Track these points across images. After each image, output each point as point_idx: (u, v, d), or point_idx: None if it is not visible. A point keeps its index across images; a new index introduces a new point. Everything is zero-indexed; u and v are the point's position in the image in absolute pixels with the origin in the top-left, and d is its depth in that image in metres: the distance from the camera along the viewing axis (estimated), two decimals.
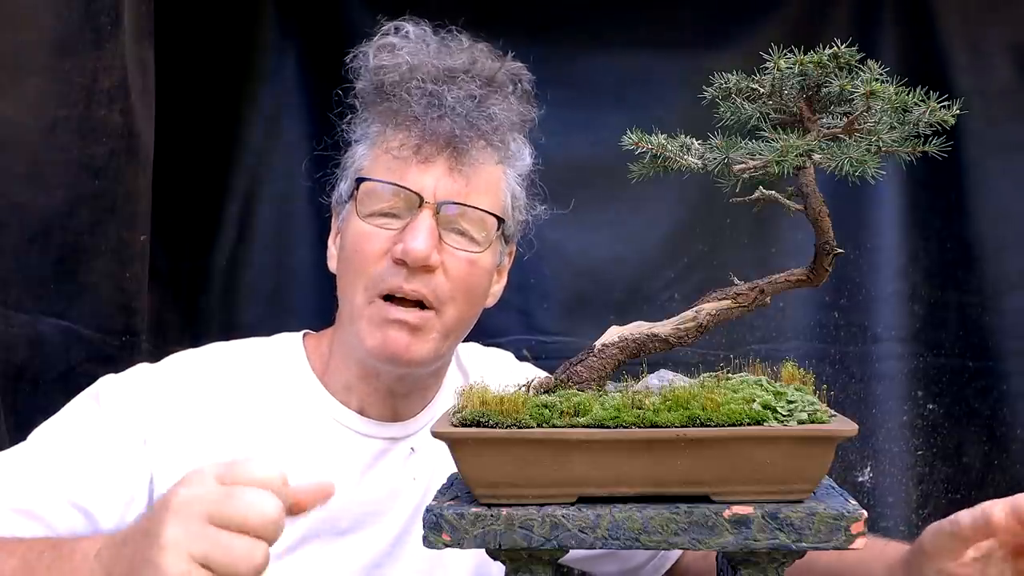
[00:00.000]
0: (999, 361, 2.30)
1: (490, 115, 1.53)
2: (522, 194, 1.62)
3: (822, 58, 1.11)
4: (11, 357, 1.72)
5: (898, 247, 2.35)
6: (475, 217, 1.52)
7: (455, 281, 1.51)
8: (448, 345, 1.57)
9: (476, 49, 1.59)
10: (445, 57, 1.55)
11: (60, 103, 1.75)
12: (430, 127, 1.50)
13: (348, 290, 1.53)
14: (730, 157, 1.13)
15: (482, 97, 1.53)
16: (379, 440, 1.59)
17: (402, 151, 1.51)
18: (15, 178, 1.70)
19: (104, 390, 1.51)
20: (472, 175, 1.52)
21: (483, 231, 1.54)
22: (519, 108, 1.60)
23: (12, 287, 1.72)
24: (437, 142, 1.50)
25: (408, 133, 1.51)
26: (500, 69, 1.58)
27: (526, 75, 1.62)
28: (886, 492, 2.32)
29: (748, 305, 1.20)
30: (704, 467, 1.07)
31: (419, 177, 1.50)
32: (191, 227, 2.31)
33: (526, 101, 1.62)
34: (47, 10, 1.72)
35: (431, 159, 1.50)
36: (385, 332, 1.49)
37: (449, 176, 1.50)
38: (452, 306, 1.52)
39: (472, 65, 1.55)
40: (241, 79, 2.33)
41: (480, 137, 1.52)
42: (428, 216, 1.48)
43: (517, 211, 1.62)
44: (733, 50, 2.27)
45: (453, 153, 1.51)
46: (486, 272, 1.57)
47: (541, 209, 1.67)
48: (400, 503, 1.58)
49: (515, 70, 1.61)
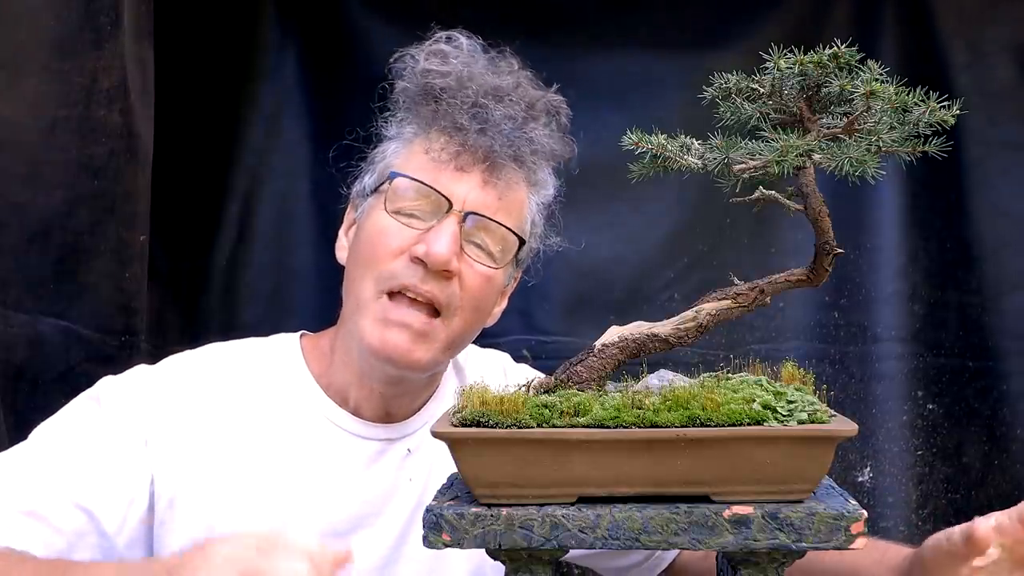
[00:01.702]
0: (999, 361, 2.30)
1: (531, 139, 1.55)
2: (541, 223, 1.63)
3: (822, 58, 1.11)
4: (11, 357, 1.72)
5: (898, 247, 2.35)
6: (498, 234, 1.53)
7: (468, 292, 1.51)
8: (449, 355, 1.57)
9: (522, 74, 1.60)
10: (494, 75, 1.57)
11: (60, 103, 1.75)
12: (473, 138, 1.51)
13: (357, 282, 1.53)
14: (730, 157, 1.13)
15: (523, 121, 1.55)
16: (375, 441, 1.59)
17: (441, 155, 1.52)
18: (15, 178, 1.70)
19: (104, 391, 1.51)
20: (504, 193, 1.53)
21: (504, 249, 1.55)
22: (557, 140, 1.61)
23: (12, 287, 1.72)
24: (476, 154, 1.51)
25: (450, 139, 1.52)
26: (542, 98, 1.60)
27: (566, 110, 1.64)
28: (886, 492, 2.32)
29: (748, 305, 1.20)
30: (704, 467, 1.07)
31: (452, 184, 1.51)
32: (191, 227, 2.31)
33: (562, 135, 1.63)
34: (46, 10, 1.72)
35: (467, 169, 1.51)
36: (386, 332, 1.49)
37: (482, 189, 1.51)
38: (460, 317, 1.52)
39: (515, 89, 1.57)
40: (241, 79, 2.33)
41: (517, 158, 1.54)
42: (454, 223, 1.49)
43: (534, 239, 1.63)
44: (733, 50, 2.27)
45: (490, 167, 1.52)
46: (496, 290, 1.58)
47: (555, 241, 1.68)
48: (397, 505, 1.58)
49: (556, 102, 1.62)
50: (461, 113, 1.52)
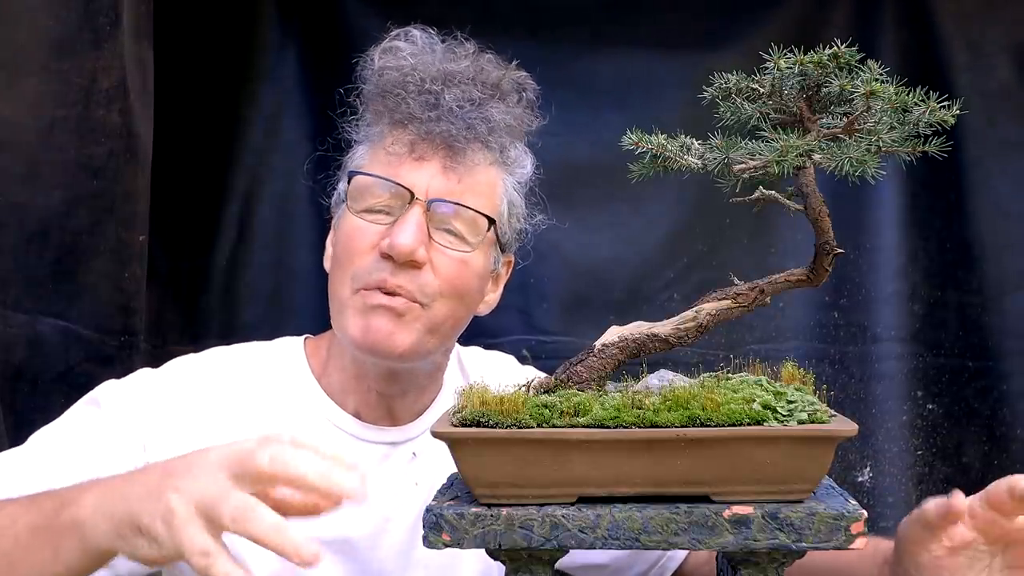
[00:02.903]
0: (999, 361, 2.30)
1: (487, 118, 1.53)
2: (521, 202, 1.62)
3: (822, 58, 1.11)
4: (10, 357, 1.72)
5: (898, 247, 2.34)
6: (467, 217, 1.52)
7: (444, 279, 1.51)
8: (434, 343, 1.55)
9: (482, 57, 1.59)
10: (449, 62, 1.56)
11: (59, 103, 1.75)
12: (426, 126, 1.50)
13: (335, 284, 1.53)
14: (730, 157, 1.13)
15: (481, 101, 1.53)
16: (379, 445, 1.59)
17: (397, 148, 1.51)
18: (13, 178, 1.70)
19: (105, 395, 1.51)
20: (466, 175, 1.52)
21: (475, 232, 1.53)
22: (520, 115, 1.60)
23: (11, 287, 1.72)
24: (432, 141, 1.51)
25: (404, 131, 1.52)
26: (504, 77, 1.58)
27: (531, 84, 1.62)
28: (886, 492, 2.31)
29: (748, 305, 1.20)
30: (704, 467, 1.07)
31: (412, 174, 1.50)
32: (191, 227, 2.31)
33: (529, 110, 1.62)
34: (45, 10, 1.72)
35: (425, 157, 1.51)
36: (368, 319, 1.48)
37: (443, 175, 1.51)
38: (440, 303, 1.51)
39: (478, 72, 1.56)
40: (241, 79, 2.33)
41: (476, 139, 1.53)
42: (418, 212, 1.48)
43: (514, 218, 1.61)
44: (733, 50, 2.26)
45: (448, 153, 1.51)
46: (477, 274, 1.56)
47: (540, 218, 1.67)
48: (404, 509, 1.57)
49: (520, 79, 1.61)
50: (413, 102, 1.51)
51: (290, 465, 0.98)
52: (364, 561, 1.55)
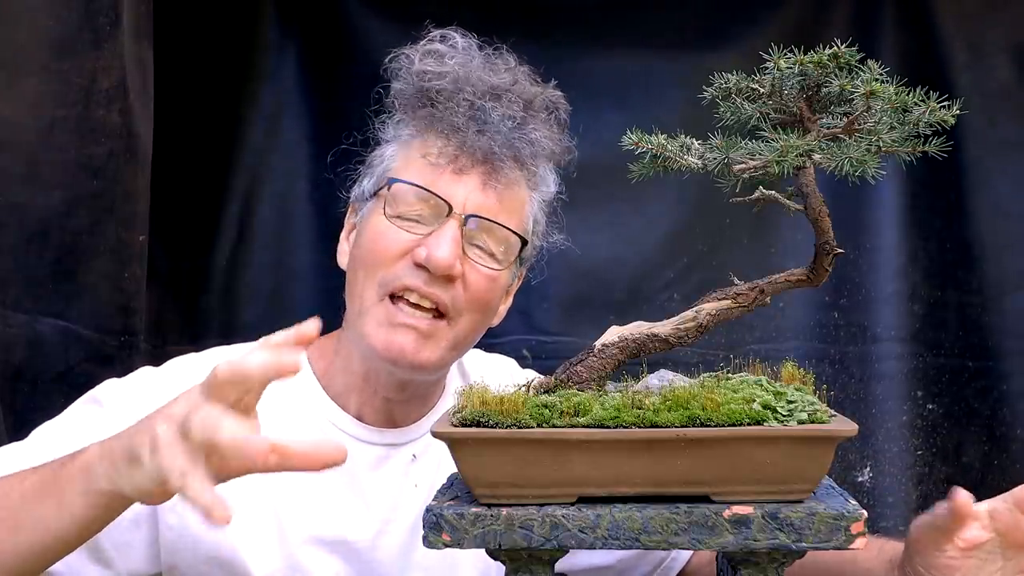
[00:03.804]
0: (999, 361, 2.30)
1: (531, 140, 1.54)
2: (543, 220, 1.62)
3: (822, 58, 1.11)
4: (10, 357, 1.72)
5: (898, 247, 2.35)
6: (500, 235, 1.53)
7: (473, 295, 1.51)
8: (455, 356, 1.57)
9: (519, 71, 1.59)
10: (491, 73, 1.55)
11: (59, 103, 1.75)
12: (471, 140, 1.50)
13: (359, 286, 1.52)
14: (730, 157, 1.13)
15: (522, 120, 1.54)
16: (379, 446, 1.58)
17: (439, 159, 1.50)
18: (13, 178, 1.70)
19: (106, 393, 1.51)
20: (504, 194, 1.52)
21: (506, 250, 1.54)
22: (556, 137, 1.60)
23: (10, 287, 1.72)
24: (475, 155, 1.50)
25: (447, 142, 1.51)
26: (540, 95, 1.58)
27: (564, 105, 1.62)
28: (886, 492, 2.32)
29: (748, 305, 1.20)
30: (704, 467, 1.07)
31: (451, 187, 1.50)
32: (191, 227, 2.31)
33: (561, 131, 1.62)
34: (46, 10, 1.72)
35: (466, 171, 1.50)
36: (392, 334, 1.48)
37: (481, 191, 1.50)
38: (466, 318, 1.51)
39: (513, 86, 1.55)
40: (241, 79, 2.33)
41: (516, 159, 1.53)
42: (455, 226, 1.48)
43: (536, 236, 1.62)
44: (733, 50, 2.27)
45: (489, 169, 1.51)
46: (501, 290, 1.57)
47: (559, 238, 1.68)
48: (404, 511, 1.57)
49: (554, 98, 1.61)
50: (458, 115, 1.50)
51: (236, 365, 1.04)
52: (364, 562, 1.55)
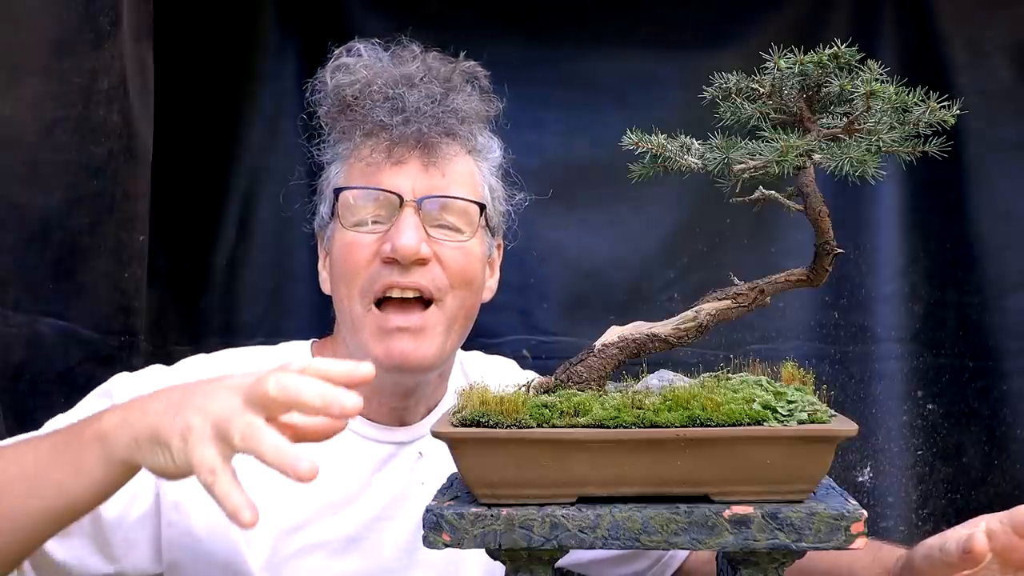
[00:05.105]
0: (999, 361, 2.30)
1: (454, 110, 1.57)
2: (499, 185, 1.66)
3: (822, 58, 1.11)
4: (9, 357, 1.72)
5: (898, 247, 2.34)
6: (458, 208, 1.55)
7: (452, 271, 1.54)
8: (452, 340, 1.57)
9: (429, 56, 1.62)
10: (400, 66, 1.59)
11: (59, 103, 1.75)
12: (399, 130, 1.53)
13: (345, 301, 1.55)
14: (730, 157, 1.13)
15: (442, 95, 1.57)
16: (386, 445, 1.60)
17: (374, 157, 1.54)
18: (13, 178, 1.70)
19: (117, 387, 1.52)
20: (447, 169, 1.55)
21: (468, 221, 1.56)
22: (481, 103, 1.63)
23: (10, 287, 1.71)
24: (407, 143, 1.53)
25: (378, 139, 1.54)
26: (455, 71, 1.61)
27: (481, 71, 1.65)
28: (886, 492, 2.31)
29: (748, 305, 1.20)
30: (704, 467, 1.07)
31: (395, 179, 1.53)
32: (191, 227, 2.30)
33: (486, 96, 1.65)
34: (46, 10, 1.72)
35: (404, 160, 1.54)
36: (389, 342, 1.51)
37: (424, 173, 1.53)
38: (452, 296, 1.54)
39: (428, 71, 1.59)
40: (241, 79, 2.33)
41: (447, 132, 1.56)
42: (411, 213, 1.51)
43: (497, 201, 1.65)
44: (733, 50, 2.26)
45: (425, 151, 1.54)
46: (478, 260, 1.60)
47: (520, 197, 1.71)
48: (409, 508, 1.58)
49: (469, 69, 1.64)
50: (379, 110, 1.54)
51: (291, 390, 1.02)
52: (369, 560, 1.55)
